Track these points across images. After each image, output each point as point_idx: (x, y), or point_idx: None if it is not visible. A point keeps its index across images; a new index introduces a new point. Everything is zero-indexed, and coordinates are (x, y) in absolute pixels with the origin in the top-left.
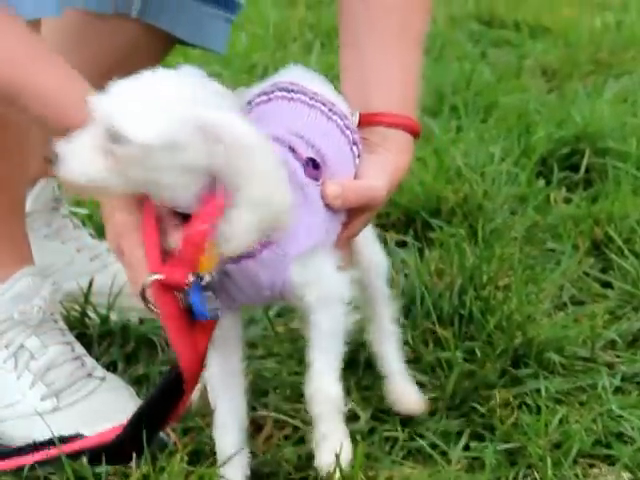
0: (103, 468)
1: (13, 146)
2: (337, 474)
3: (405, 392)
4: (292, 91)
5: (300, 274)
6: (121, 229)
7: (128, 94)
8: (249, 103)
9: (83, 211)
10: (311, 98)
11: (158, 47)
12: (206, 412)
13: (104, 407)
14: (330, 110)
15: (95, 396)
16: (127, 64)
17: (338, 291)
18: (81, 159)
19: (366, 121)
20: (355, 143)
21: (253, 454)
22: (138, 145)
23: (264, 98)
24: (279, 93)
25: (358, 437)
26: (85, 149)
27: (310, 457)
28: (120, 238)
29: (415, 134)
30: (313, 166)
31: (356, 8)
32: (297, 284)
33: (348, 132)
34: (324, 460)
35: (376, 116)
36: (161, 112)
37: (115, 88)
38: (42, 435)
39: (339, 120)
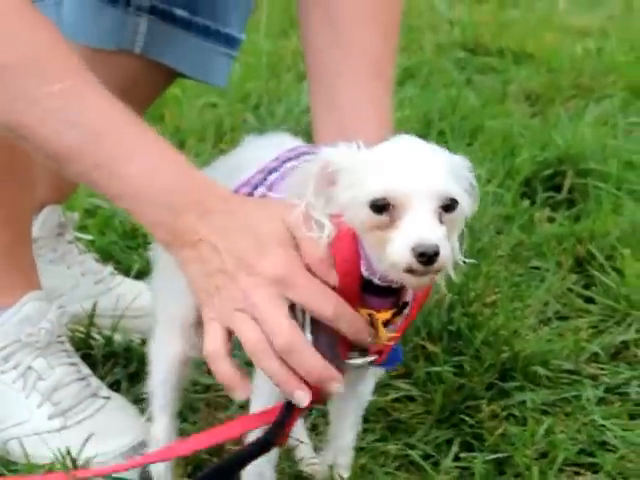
0: None
1: (22, 173)
2: None
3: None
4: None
5: None
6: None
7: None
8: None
9: (87, 237)
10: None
11: (159, 80)
12: None
13: (109, 425)
14: None
15: (101, 415)
16: (127, 96)
17: None
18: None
19: None
20: None
21: None
22: (463, 208)
23: (277, 175)
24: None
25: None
26: (438, 228)
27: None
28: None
29: None
30: None
31: (328, 50)
32: None
33: None
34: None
35: None
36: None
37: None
38: (50, 453)
39: None
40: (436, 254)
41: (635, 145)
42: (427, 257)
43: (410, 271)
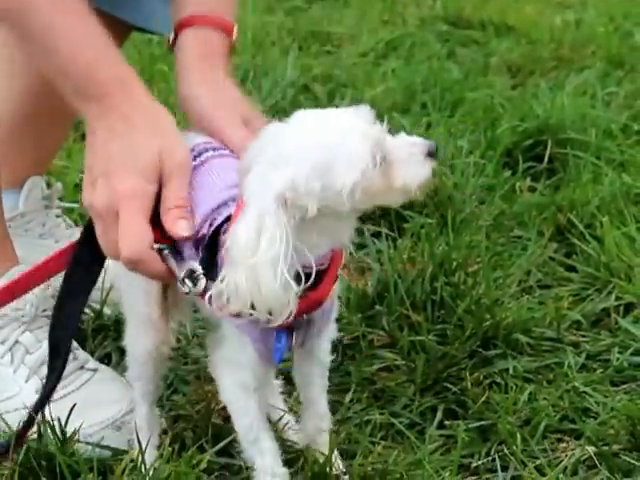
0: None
1: None
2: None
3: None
4: (215, 149)
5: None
6: (129, 194)
7: None
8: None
9: (75, 205)
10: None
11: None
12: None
13: (97, 397)
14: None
15: (88, 387)
16: None
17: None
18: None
19: (181, 26)
20: None
21: None
22: None
23: (198, 162)
24: (209, 154)
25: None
26: None
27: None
28: (121, 202)
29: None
30: None
31: None
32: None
33: None
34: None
35: (190, 19)
36: None
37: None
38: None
39: None
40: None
41: (614, 114)
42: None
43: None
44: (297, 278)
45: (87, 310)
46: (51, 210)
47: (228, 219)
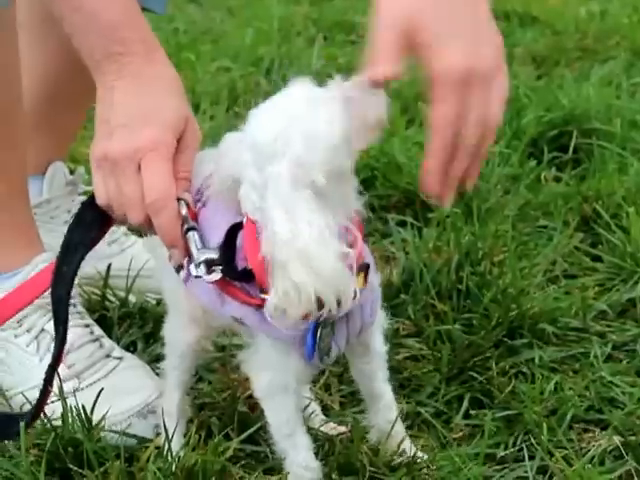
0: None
1: (11, 138)
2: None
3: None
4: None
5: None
6: (156, 140)
7: None
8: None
9: None
10: None
11: None
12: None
13: (123, 385)
14: None
15: (114, 375)
16: None
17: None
18: None
19: None
20: None
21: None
22: None
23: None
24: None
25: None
26: None
27: None
28: (147, 148)
29: None
30: None
31: None
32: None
33: None
34: None
35: None
36: None
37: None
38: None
39: None
40: None
41: (639, 105)
42: None
43: None
44: None
45: (112, 298)
46: (76, 196)
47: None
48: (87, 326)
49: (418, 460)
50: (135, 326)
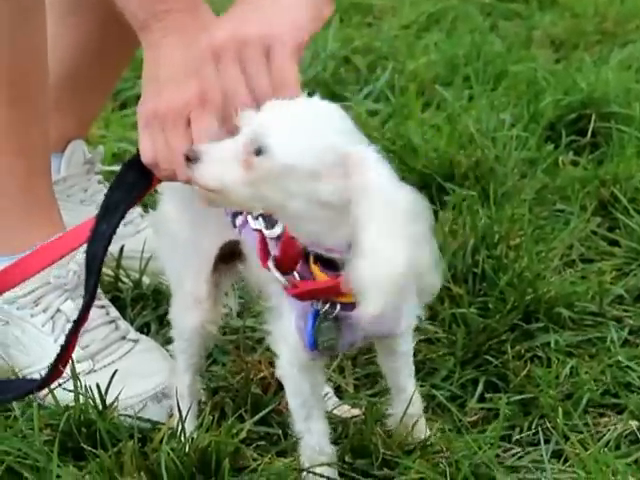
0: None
1: (34, 103)
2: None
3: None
4: None
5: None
6: (201, 98)
7: (281, 113)
8: None
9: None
10: None
11: None
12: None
13: (137, 368)
14: None
15: (129, 357)
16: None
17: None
18: (220, 165)
19: None
20: None
21: None
22: (280, 162)
23: None
24: None
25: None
26: (227, 156)
27: None
28: (198, 102)
29: None
30: None
31: None
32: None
33: None
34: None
35: None
36: (308, 137)
37: (270, 105)
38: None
39: None
40: None
41: None
42: None
43: None
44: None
45: (126, 279)
46: (93, 175)
47: None
48: (103, 307)
49: (432, 443)
50: (149, 308)
